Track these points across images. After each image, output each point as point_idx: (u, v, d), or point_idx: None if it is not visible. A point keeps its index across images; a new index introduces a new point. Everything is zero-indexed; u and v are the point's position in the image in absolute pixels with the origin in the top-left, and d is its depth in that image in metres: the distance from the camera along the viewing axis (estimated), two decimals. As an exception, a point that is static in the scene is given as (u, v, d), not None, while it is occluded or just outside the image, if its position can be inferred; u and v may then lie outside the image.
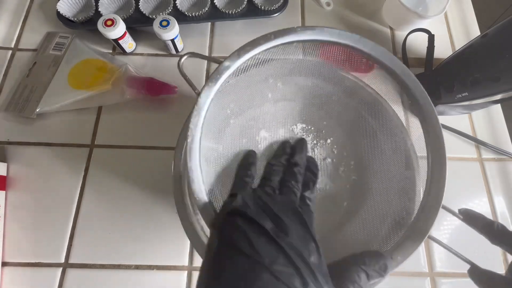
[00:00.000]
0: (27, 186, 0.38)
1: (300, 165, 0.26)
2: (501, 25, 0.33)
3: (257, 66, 0.28)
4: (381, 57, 0.28)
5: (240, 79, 0.28)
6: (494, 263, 0.38)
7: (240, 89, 0.31)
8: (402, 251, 0.24)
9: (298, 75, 0.33)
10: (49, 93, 0.40)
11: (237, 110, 0.32)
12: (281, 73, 0.33)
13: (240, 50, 0.26)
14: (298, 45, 0.28)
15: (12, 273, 0.34)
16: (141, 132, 0.41)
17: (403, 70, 0.28)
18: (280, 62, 0.30)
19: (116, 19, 0.39)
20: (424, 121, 0.28)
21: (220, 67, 0.25)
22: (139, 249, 0.36)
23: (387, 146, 0.32)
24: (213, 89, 0.25)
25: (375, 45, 0.28)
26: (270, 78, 0.33)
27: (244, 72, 0.28)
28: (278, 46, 0.27)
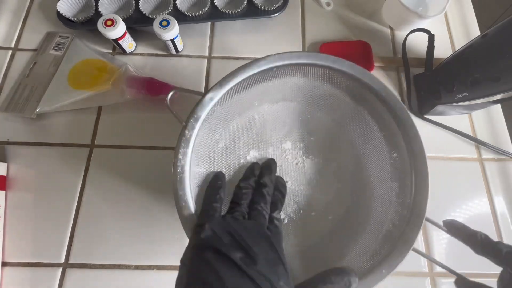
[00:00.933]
0: (27, 186, 0.38)
1: (269, 185, 0.27)
2: (501, 25, 0.33)
3: (240, 92, 0.30)
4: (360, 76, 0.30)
5: (225, 107, 0.30)
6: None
7: (226, 114, 0.32)
8: (387, 264, 0.25)
9: (282, 95, 0.35)
10: (49, 93, 0.40)
11: (225, 134, 0.34)
12: (265, 95, 0.34)
13: (222, 82, 0.28)
14: (277, 70, 0.30)
15: (12, 273, 0.34)
16: (141, 132, 0.41)
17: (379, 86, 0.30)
18: (262, 86, 0.32)
19: (116, 19, 0.39)
20: (405, 134, 0.29)
21: (203, 100, 0.27)
22: (139, 249, 0.36)
23: (374, 158, 0.33)
24: (199, 121, 0.27)
25: (352, 64, 0.30)
26: (255, 101, 0.34)
27: (228, 99, 0.30)
28: (257, 74, 0.29)
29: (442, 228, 0.26)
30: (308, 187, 0.34)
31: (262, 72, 0.29)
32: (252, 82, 0.30)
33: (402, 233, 0.26)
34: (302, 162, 0.35)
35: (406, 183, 0.28)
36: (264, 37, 0.47)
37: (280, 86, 0.33)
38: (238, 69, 0.28)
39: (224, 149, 0.33)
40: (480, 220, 0.39)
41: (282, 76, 0.32)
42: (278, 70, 0.30)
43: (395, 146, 0.30)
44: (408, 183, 0.28)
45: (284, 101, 0.36)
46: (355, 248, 0.29)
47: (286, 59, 0.29)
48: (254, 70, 0.28)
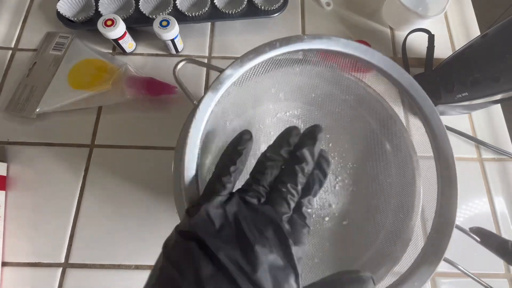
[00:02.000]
0: (27, 186, 0.38)
1: (307, 160, 0.19)
2: (501, 25, 0.33)
3: (259, 75, 0.26)
4: (389, 70, 0.27)
5: (241, 89, 0.26)
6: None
7: (240, 99, 0.29)
8: (418, 276, 0.23)
9: (301, 84, 0.32)
10: (49, 93, 0.40)
11: (236, 121, 0.30)
12: (283, 83, 0.32)
13: (243, 58, 0.24)
14: (304, 54, 0.26)
15: (12, 273, 0.34)
16: (141, 132, 0.41)
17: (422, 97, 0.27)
18: (283, 71, 0.29)
19: (116, 19, 0.39)
20: (434, 140, 0.27)
21: (222, 75, 0.23)
22: (139, 249, 0.36)
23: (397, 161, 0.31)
24: (214, 100, 0.23)
25: (382, 56, 0.27)
26: (272, 88, 0.32)
27: (245, 81, 0.25)
28: (283, 55, 0.25)
29: (472, 236, 0.25)
30: (322, 189, 0.32)
31: (287, 54, 0.25)
32: (273, 65, 0.26)
33: (430, 242, 0.24)
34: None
35: (432, 188, 0.26)
36: (264, 37, 0.47)
37: (302, 74, 0.30)
38: (261, 46, 0.24)
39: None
40: (480, 220, 0.39)
41: (306, 64, 0.29)
42: (305, 55, 0.26)
43: (420, 149, 0.28)
44: (435, 189, 0.26)
45: (303, 92, 0.32)
46: (374, 256, 0.27)
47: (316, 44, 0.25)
48: (280, 51, 0.24)
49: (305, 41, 0.25)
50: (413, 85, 0.27)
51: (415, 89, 0.27)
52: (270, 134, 0.32)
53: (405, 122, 0.31)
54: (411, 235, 0.27)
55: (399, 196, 0.30)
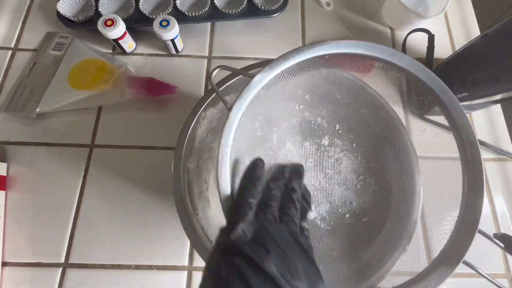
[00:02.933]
0: (27, 186, 0.38)
1: (298, 192, 0.24)
2: (501, 25, 0.33)
3: (286, 78, 0.28)
4: (418, 73, 0.27)
5: (269, 92, 0.27)
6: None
7: (269, 102, 0.30)
8: (435, 277, 0.23)
9: (326, 87, 0.33)
10: (49, 93, 0.40)
11: (264, 122, 0.32)
12: (310, 86, 0.32)
13: (272, 64, 0.25)
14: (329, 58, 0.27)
15: (12, 273, 0.34)
16: (141, 132, 0.41)
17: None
18: (308, 74, 0.29)
19: (116, 19, 0.39)
20: (462, 145, 0.27)
21: (252, 82, 0.25)
22: (139, 249, 0.36)
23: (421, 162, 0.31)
24: (244, 104, 0.24)
25: (411, 60, 0.27)
26: (298, 90, 0.33)
27: (273, 85, 0.27)
28: (309, 60, 0.26)
29: (496, 242, 0.25)
30: (343, 186, 0.32)
31: (314, 58, 0.26)
32: (300, 69, 0.28)
33: (451, 244, 0.24)
34: (338, 160, 0.33)
35: (456, 190, 0.26)
36: (264, 37, 0.47)
37: (327, 77, 0.31)
38: (290, 52, 0.26)
39: (262, 138, 0.31)
40: (480, 220, 0.39)
41: (331, 67, 0.29)
42: (330, 59, 0.27)
43: (446, 150, 0.28)
44: (459, 191, 0.26)
45: (327, 94, 0.33)
46: (393, 256, 0.27)
47: (342, 48, 0.26)
48: (307, 55, 0.26)
49: (332, 45, 0.26)
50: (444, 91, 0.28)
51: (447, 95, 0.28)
52: (295, 133, 0.33)
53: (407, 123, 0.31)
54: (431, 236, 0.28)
55: (401, 196, 0.30)
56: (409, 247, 0.28)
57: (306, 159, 0.33)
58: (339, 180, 0.33)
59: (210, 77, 0.26)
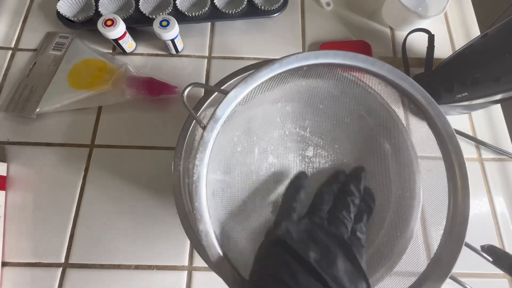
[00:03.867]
0: (27, 186, 0.38)
1: (355, 194, 0.24)
2: (501, 25, 0.33)
3: (264, 91, 0.27)
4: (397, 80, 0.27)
5: (247, 106, 0.27)
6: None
7: (247, 116, 0.30)
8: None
9: (308, 97, 0.32)
10: (49, 93, 0.40)
11: (243, 137, 0.31)
12: (290, 96, 0.32)
13: (247, 79, 0.25)
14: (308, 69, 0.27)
15: (12, 273, 0.34)
16: (141, 132, 0.41)
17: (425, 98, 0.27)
18: (287, 85, 0.29)
19: (116, 19, 0.39)
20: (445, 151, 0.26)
21: (226, 98, 0.24)
22: (139, 249, 0.36)
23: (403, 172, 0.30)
24: (219, 122, 0.24)
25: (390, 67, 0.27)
26: (278, 102, 0.32)
27: (251, 99, 0.26)
28: (286, 72, 0.26)
29: (484, 256, 0.24)
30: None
31: (291, 70, 0.26)
32: (278, 81, 0.27)
33: (437, 258, 0.24)
34: (322, 171, 0.32)
35: (443, 202, 0.26)
36: (264, 37, 0.47)
37: (308, 87, 0.31)
38: (266, 65, 0.25)
39: (242, 153, 0.31)
40: (480, 220, 0.40)
41: (312, 77, 0.29)
42: (309, 70, 0.27)
43: (430, 158, 0.28)
44: (446, 202, 0.26)
45: (310, 104, 0.33)
46: (392, 257, 0.27)
47: (320, 58, 0.26)
48: (283, 68, 0.25)
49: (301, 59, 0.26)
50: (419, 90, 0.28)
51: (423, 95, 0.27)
52: (277, 147, 0.33)
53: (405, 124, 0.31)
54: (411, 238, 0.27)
55: (400, 196, 0.30)
56: (409, 247, 0.28)
57: (291, 172, 0.32)
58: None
59: (183, 95, 0.25)
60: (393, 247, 0.28)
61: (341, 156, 0.33)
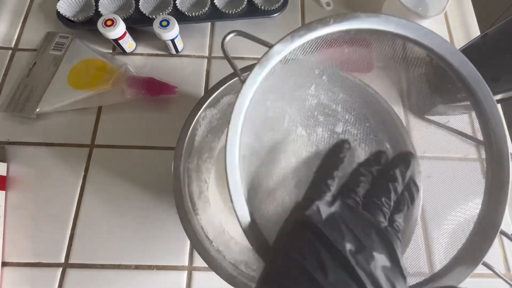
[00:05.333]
0: (27, 186, 0.38)
1: (398, 181, 0.21)
2: (501, 25, 0.33)
3: (306, 53, 0.25)
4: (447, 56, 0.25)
5: (284, 68, 0.25)
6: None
7: (285, 78, 0.28)
8: (453, 276, 0.22)
9: (347, 68, 0.31)
10: (49, 93, 0.40)
11: (278, 102, 0.29)
12: (329, 65, 0.30)
13: (293, 34, 0.23)
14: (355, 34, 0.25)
15: (12, 273, 0.34)
16: (141, 132, 0.41)
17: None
18: (330, 52, 0.27)
19: (116, 19, 0.39)
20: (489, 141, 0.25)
21: (270, 51, 0.23)
22: (139, 249, 0.36)
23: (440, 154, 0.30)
24: (260, 77, 0.22)
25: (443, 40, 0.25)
26: (316, 69, 0.30)
27: (291, 60, 0.24)
28: (334, 34, 0.24)
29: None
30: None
31: (339, 33, 0.24)
32: (322, 44, 0.25)
33: (471, 245, 0.23)
34: (352, 150, 0.31)
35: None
36: (264, 37, 0.47)
37: (350, 56, 0.29)
38: (314, 22, 0.23)
39: (272, 119, 0.29)
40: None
41: (356, 45, 0.27)
42: (356, 36, 0.25)
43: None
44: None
45: (347, 76, 0.31)
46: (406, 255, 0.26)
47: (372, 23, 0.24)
48: (332, 29, 0.23)
49: (361, 19, 0.24)
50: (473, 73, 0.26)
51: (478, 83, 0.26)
52: (308, 117, 0.31)
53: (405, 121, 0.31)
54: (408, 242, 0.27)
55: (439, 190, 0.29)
56: (409, 247, 0.28)
57: (317, 146, 0.30)
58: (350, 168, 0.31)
59: (223, 42, 0.24)
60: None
61: (371, 136, 0.31)
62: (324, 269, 0.15)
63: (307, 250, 0.16)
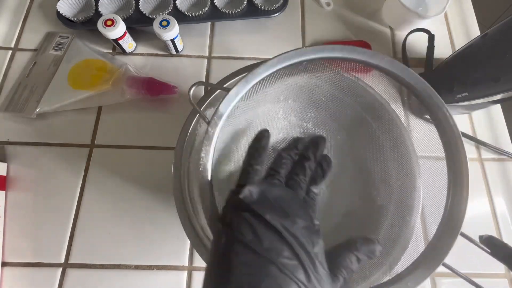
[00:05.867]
0: (27, 186, 0.38)
1: (311, 160, 0.26)
2: (501, 25, 0.33)
3: (265, 87, 0.28)
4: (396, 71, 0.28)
5: (249, 102, 0.28)
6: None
7: (250, 110, 0.31)
8: (413, 277, 0.23)
9: (309, 91, 0.33)
10: (49, 93, 0.40)
11: (247, 130, 0.32)
12: (292, 90, 0.33)
13: (248, 76, 0.26)
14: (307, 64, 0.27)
15: (12, 273, 0.34)
16: (141, 132, 0.41)
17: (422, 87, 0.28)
18: (289, 81, 0.30)
19: (116, 19, 0.39)
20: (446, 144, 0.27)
21: (228, 95, 0.26)
22: (139, 249, 0.36)
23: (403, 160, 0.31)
24: (222, 118, 0.25)
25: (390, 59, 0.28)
26: (280, 97, 0.33)
27: (253, 94, 0.28)
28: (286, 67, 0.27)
29: (480, 246, 0.25)
30: (327, 189, 0.33)
31: (292, 66, 0.27)
32: (279, 77, 0.28)
33: (432, 246, 0.24)
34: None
35: (440, 191, 0.26)
36: (264, 37, 0.47)
37: (309, 81, 0.32)
38: (265, 61, 0.26)
39: (246, 144, 0.31)
40: (480, 221, 0.39)
41: (312, 71, 0.30)
42: (308, 65, 0.28)
43: (427, 150, 0.28)
44: (444, 192, 0.26)
45: (312, 98, 0.34)
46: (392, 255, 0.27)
47: (319, 52, 0.27)
48: (282, 63, 0.26)
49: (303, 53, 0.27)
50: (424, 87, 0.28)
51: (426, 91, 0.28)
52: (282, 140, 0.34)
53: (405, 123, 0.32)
54: (411, 237, 0.27)
55: (400, 196, 0.30)
56: (409, 247, 0.28)
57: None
58: (328, 183, 0.33)
59: (189, 94, 0.27)
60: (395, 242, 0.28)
61: (344, 147, 0.33)
62: (259, 239, 0.19)
63: (244, 227, 0.19)
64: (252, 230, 0.19)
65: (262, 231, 0.19)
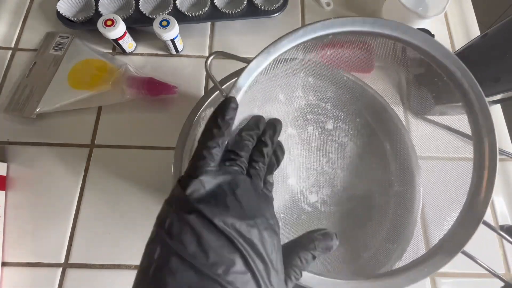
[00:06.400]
0: (27, 186, 0.38)
1: (269, 146, 0.23)
2: (501, 25, 0.33)
3: (286, 61, 0.26)
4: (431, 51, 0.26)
5: (269, 76, 0.26)
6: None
7: (269, 85, 0.29)
8: (431, 263, 0.23)
9: (331, 69, 0.31)
10: (49, 93, 0.40)
11: (265, 106, 0.30)
12: (313, 67, 0.31)
13: (269, 48, 0.24)
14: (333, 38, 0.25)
15: (12, 273, 0.34)
16: (141, 132, 0.41)
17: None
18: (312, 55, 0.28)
19: (116, 19, 0.39)
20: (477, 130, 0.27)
21: (248, 68, 0.24)
22: (139, 249, 0.36)
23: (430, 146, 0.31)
24: (241, 92, 0.23)
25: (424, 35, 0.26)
26: (301, 73, 0.31)
27: (273, 68, 0.26)
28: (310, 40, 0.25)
29: (502, 235, 0.24)
30: (347, 171, 0.32)
31: (316, 39, 0.25)
32: (302, 50, 0.26)
33: (453, 233, 0.24)
34: (342, 145, 0.32)
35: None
36: (264, 37, 0.47)
37: (332, 57, 0.30)
38: (289, 33, 0.25)
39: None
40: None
41: (337, 47, 0.28)
42: (334, 38, 0.25)
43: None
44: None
45: (332, 75, 0.32)
46: (393, 239, 0.27)
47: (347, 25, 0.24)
48: (307, 36, 0.25)
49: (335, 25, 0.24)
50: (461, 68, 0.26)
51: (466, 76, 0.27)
52: (298, 118, 0.32)
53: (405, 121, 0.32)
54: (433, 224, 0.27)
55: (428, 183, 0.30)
56: (409, 246, 0.28)
57: (309, 143, 0.32)
58: (342, 165, 0.32)
59: (206, 63, 0.25)
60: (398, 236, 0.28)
61: (363, 132, 0.32)
62: (204, 251, 0.15)
63: (186, 235, 0.16)
64: (196, 239, 0.16)
65: (209, 240, 0.16)
